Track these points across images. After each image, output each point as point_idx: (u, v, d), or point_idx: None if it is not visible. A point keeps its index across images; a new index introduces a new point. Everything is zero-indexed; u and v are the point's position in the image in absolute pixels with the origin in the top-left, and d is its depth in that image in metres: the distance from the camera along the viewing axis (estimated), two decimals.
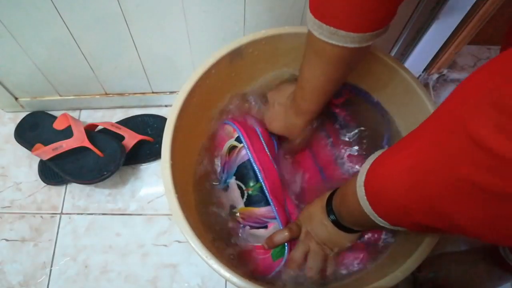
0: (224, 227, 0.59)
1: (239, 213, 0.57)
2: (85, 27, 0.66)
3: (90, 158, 0.76)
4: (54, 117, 0.83)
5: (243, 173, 0.56)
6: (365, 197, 0.39)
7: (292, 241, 0.55)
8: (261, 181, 0.55)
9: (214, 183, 0.62)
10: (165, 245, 0.76)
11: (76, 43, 0.69)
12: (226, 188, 0.59)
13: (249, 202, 0.56)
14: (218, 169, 0.61)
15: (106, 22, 0.65)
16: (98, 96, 0.85)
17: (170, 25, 0.65)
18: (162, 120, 0.86)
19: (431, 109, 0.54)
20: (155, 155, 0.82)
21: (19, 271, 0.75)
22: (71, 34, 0.67)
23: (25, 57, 0.72)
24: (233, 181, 0.58)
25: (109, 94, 0.85)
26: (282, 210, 0.56)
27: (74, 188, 0.81)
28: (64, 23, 0.64)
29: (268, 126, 0.60)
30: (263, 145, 0.58)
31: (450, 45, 0.74)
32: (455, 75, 0.90)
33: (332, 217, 0.49)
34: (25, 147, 0.82)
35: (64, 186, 0.82)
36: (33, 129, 0.83)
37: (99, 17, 0.64)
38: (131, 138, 0.79)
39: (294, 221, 0.55)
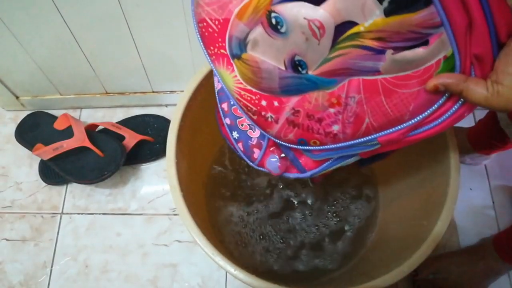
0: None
1: (373, 30, 0.32)
2: (86, 26, 0.66)
3: (90, 158, 0.76)
4: (55, 117, 0.83)
5: None
6: None
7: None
8: None
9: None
10: (166, 245, 0.76)
11: (77, 42, 0.69)
12: None
13: (394, 7, 0.31)
14: None
15: (107, 21, 0.64)
16: (98, 95, 0.85)
17: (171, 24, 0.65)
18: (162, 120, 0.85)
19: None
20: (156, 155, 0.82)
21: (19, 271, 0.75)
22: (72, 33, 0.67)
23: (26, 56, 0.72)
24: None
25: (109, 93, 0.85)
26: (457, 6, 0.29)
27: (74, 188, 0.81)
28: (65, 22, 0.64)
29: None
30: None
31: None
32: None
33: None
34: (26, 147, 0.82)
35: (65, 186, 0.82)
36: (34, 129, 0.83)
37: (99, 16, 0.64)
38: (131, 138, 0.79)
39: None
